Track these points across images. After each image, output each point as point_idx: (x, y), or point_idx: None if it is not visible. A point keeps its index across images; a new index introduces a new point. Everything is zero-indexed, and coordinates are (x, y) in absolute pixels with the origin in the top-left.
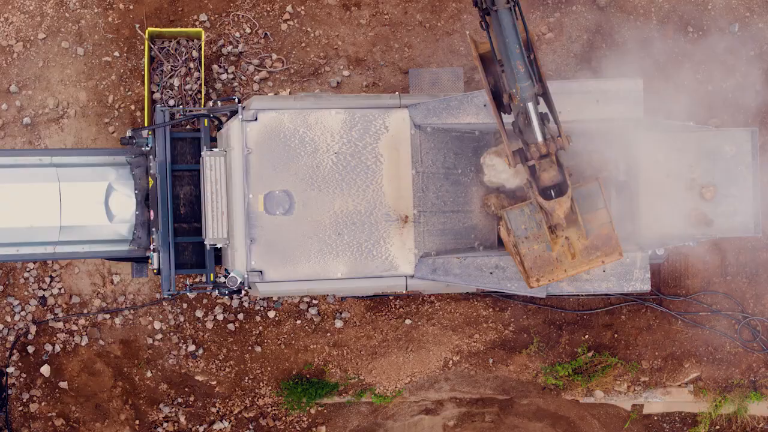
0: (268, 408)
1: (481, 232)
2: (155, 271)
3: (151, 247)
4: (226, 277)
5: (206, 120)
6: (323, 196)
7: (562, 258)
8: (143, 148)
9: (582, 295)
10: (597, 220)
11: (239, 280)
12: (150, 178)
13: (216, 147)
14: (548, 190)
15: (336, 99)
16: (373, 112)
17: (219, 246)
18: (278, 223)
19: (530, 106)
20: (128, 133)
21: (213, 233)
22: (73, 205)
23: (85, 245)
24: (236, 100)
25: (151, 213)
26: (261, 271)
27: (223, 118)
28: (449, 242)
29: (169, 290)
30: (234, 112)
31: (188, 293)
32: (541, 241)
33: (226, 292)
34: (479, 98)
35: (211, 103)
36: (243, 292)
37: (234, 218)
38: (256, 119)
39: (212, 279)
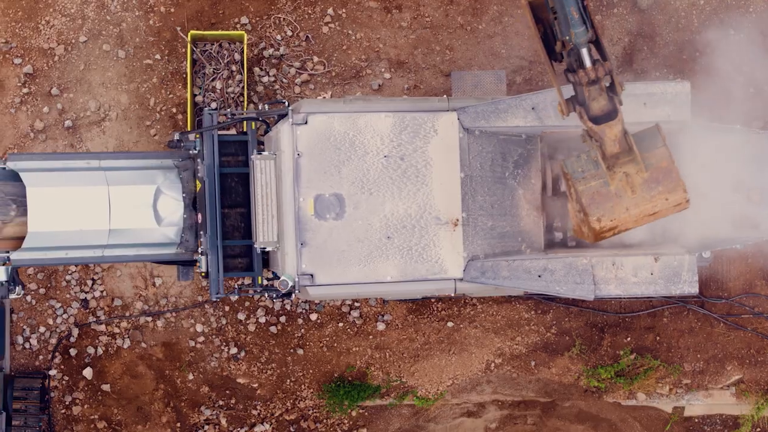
0: (309, 411)
1: (528, 236)
2: (203, 274)
3: (199, 250)
4: (269, 279)
5: (253, 123)
6: (373, 199)
7: (621, 193)
8: (191, 152)
9: (625, 298)
10: (656, 156)
11: (290, 284)
12: (197, 182)
13: (263, 150)
14: (599, 120)
15: (385, 102)
16: (423, 115)
17: (268, 249)
18: (329, 227)
19: (584, 51)
20: (176, 137)
21: (263, 236)
22: (122, 208)
23: (133, 248)
24: (286, 103)
25: (199, 216)
26: (311, 275)
27: (270, 122)
28: (497, 245)
29: (217, 293)
30: (282, 116)
31: (235, 296)
32: (599, 178)
33: (276, 295)
34: (527, 101)
35: (260, 107)
36: (293, 295)
37: (284, 222)
38: (306, 122)
39: (260, 282)
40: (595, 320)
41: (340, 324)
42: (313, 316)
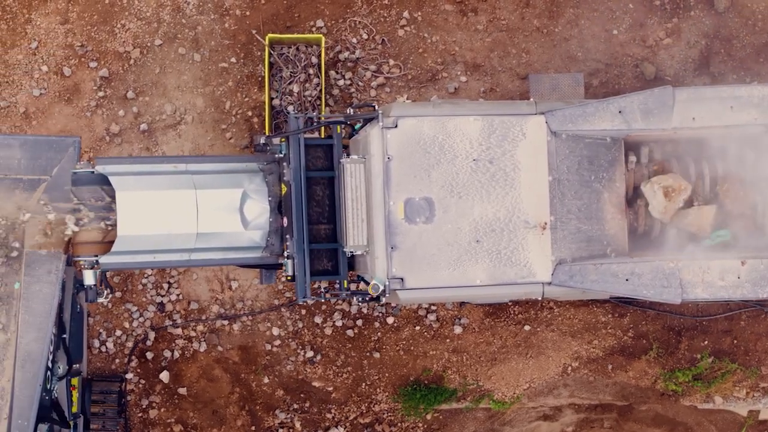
0: (384, 414)
1: (613, 239)
2: (289, 278)
3: (285, 253)
4: (350, 282)
5: (339, 127)
6: (463, 203)
7: None
8: (276, 155)
9: (707, 301)
10: None
11: (381, 288)
12: (283, 185)
13: (347, 153)
14: None
15: (473, 106)
16: (511, 119)
17: (357, 253)
18: (418, 231)
19: None
20: (261, 140)
21: (353, 240)
22: (209, 211)
23: (219, 252)
24: (374, 107)
25: (284, 220)
26: (402, 279)
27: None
28: (583, 249)
29: (304, 297)
30: (369, 119)
31: (322, 300)
32: None
33: (365, 299)
34: (614, 105)
35: (348, 110)
36: (383, 299)
37: (374, 225)
38: (396, 126)
39: (346, 285)
40: (672, 323)
41: (417, 327)
42: (390, 320)
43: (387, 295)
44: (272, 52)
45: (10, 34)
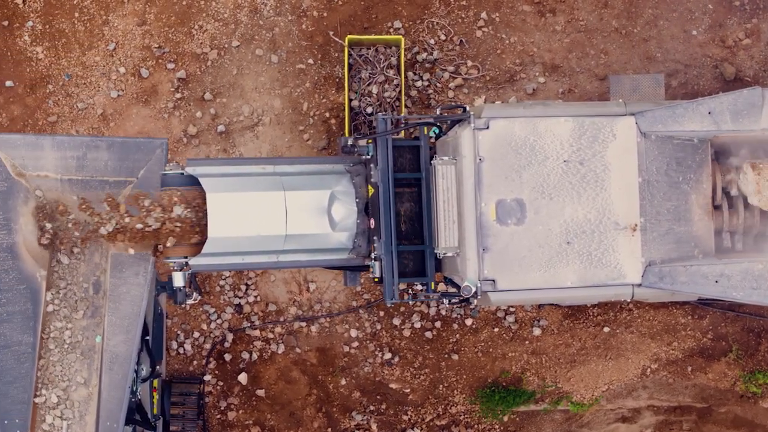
0: (460, 416)
1: (700, 240)
2: (376, 279)
3: (372, 255)
4: (433, 284)
5: (426, 128)
6: (553, 204)
7: None
8: (363, 157)
9: None
10: None
11: (473, 289)
12: (370, 187)
13: (434, 155)
14: None
15: (564, 107)
16: (602, 120)
17: (449, 255)
18: (510, 232)
19: None
20: (349, 142)
21: (445, 242)
22: (298, 213)
23: (306, 254)
24: (465, 108)
25: (371, 221)
26: (493, 280)
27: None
28: (671, 250)
29: (392, 298)
30: (456, 121)
31: (410, 301)
32: None
33: (455, 301)
34: (704, 106)
35: (437, 111)
36: (474, 301)
37: (465, 227)
38: (487, 127)
39: (433, 287)
40: (752, 325)
41: (495, 329)
42: (468, 322)
43: (479, 297)
44: (351, 53)
45: (88, 36)
